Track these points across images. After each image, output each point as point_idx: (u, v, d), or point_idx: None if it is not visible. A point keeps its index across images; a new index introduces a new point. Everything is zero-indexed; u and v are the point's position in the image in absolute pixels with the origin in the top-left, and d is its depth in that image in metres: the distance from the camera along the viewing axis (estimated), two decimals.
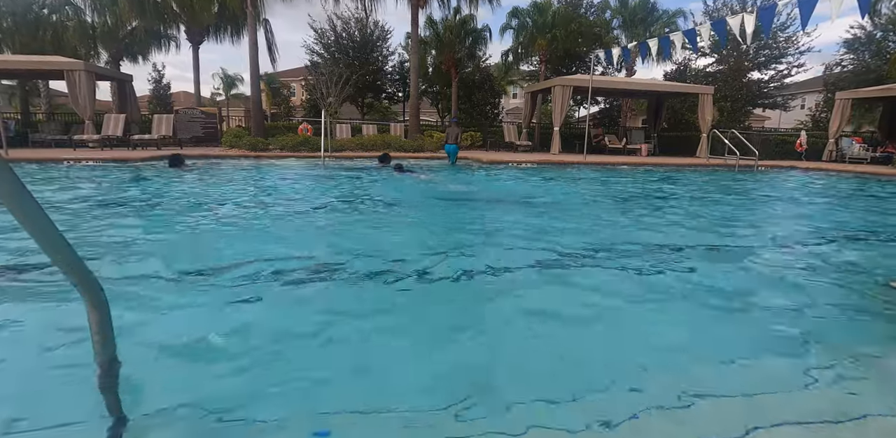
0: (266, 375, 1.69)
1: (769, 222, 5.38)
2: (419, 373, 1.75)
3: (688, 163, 13.43)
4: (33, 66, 13.91)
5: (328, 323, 2.15)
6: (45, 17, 20.66)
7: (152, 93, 25.54)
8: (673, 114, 20.91)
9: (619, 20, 22.27)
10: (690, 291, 2.73)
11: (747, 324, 2.31)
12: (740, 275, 3.10)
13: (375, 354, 1.89)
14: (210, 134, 15.58)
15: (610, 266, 3.13)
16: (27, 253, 2.99)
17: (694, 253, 3.60)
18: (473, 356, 1.90)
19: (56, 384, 1.63)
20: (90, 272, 1.41)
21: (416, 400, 1.55)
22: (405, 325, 2.18)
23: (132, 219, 4.50)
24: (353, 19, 21.54)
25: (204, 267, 2.88)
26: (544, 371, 1.78)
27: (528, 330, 2.15)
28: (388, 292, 2.56)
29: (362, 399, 1.55)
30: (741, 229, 4.79)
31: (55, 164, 9.07)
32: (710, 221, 5.18)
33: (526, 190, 7.82)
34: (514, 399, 1.56)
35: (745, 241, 4.18)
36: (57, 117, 17.98)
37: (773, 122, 31.76)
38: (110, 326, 1.52)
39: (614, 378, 1.70)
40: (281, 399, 1.55)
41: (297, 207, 5.41)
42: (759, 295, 2.67)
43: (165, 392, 1.58)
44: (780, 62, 21.59)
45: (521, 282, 2.81)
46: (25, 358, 1.80)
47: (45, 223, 1.21)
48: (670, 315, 2.42)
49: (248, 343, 1.95)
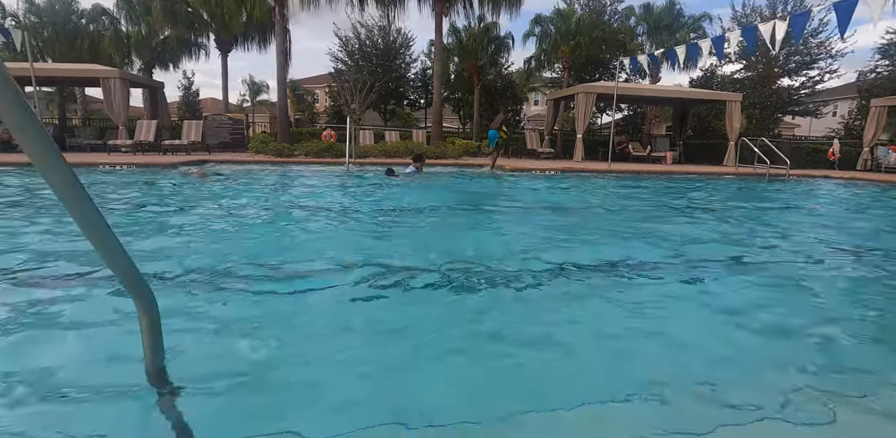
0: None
1: (813, 234, 5.19)
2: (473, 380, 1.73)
3: (716, 171, 13.14)
4: (72, 74, 14.46)
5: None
6: (82, 26, 21.53)
7: (182, 99, 26.29)
8: (699, 122, 20.57)
9: (644, 27, 22.09)
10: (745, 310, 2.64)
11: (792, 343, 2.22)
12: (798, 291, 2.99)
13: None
14: (237, 139, 15.92)
15: (668, 278, 3.06)
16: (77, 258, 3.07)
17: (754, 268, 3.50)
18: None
19: (110, 384, 1.66)
20: (143, 279, 1.43)
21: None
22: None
23: (189, 220, 4.58)
24: (376, 27, 21.87)
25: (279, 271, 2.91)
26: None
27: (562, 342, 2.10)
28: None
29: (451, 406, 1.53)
30: (788, 241, 4.63)
31: (92, 168, 9.37)
32: (752, 232, 5.04)
33: (561, 197, 7.75)
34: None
35: (792, 257, 4.02)
36: (92, 123, 18.60)
37: (803, 130, 30.95)
38: (160, 332, 1.55)
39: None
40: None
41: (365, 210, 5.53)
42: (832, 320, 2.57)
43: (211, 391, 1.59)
44: (811, 68, 21.07)
45: (568, 294, 2.77)
46: (76, 364, 1.83)
47: (105, 231, 1.23)
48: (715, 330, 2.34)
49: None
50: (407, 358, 1.92)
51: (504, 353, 1.97)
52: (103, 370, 1.74)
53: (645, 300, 2.65)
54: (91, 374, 1.71)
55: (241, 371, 1.74)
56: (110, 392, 1.59)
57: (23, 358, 1.81)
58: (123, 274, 1.35)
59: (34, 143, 1.01)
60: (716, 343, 2.18)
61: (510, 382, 1.76)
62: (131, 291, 1.41)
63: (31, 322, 2.12)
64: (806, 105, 22.29)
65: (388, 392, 1.66)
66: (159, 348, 1.56)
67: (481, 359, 1.95)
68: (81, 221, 1.16)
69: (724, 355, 2.06)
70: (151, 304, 1.47)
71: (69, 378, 1.68)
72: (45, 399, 1.53)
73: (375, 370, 1.80)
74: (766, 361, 2.01)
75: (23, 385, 1.60)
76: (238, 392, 1.61)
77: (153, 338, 1.53)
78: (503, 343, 2.07)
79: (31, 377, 1.66)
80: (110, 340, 1.97)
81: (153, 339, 1.53)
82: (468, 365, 1.90)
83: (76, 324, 2.13)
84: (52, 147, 1.04)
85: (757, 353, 2.10)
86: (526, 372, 1.85)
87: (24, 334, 2.00)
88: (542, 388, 1.72)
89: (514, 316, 2.40)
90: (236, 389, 1.63)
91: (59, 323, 2.14)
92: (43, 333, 2.05)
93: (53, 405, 1.51)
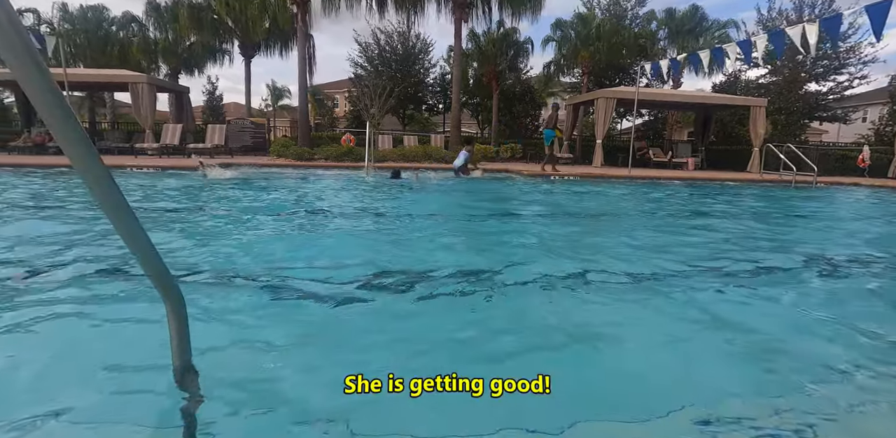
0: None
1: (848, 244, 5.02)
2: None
3: (739, 178, 12.86)
4: (102, 79, 14.92)
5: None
6: (113, 33, 22.24)
7: (206, 103, 26.89)
8: (721, 128, 20.21)
9: (666, 31, 21.85)
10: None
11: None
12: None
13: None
14: (259, 143, 16.22)
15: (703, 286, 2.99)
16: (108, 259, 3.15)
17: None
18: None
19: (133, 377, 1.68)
20: (173, 279, 1.45)
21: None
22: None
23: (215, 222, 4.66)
24: (395, 33, 22.10)
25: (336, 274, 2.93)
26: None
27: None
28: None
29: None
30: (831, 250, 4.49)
31: (121, 170, 9.61)
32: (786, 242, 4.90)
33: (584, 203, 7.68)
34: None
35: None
36: (120, 126, 19.14)
37: (831, 136, 30.17)
38: (187, 333, 1.56)
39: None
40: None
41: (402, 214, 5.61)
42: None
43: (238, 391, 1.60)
44: (840, 73, 20.55)
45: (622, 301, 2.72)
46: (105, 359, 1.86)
47: (138, 231, 1.25)
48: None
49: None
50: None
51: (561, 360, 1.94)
52: (131, 367, 1.77)
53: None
54: (118, 370, 1.74)
55: (267, 377, 1.74)
56: (135, 390, 1.62)
57: (53, 352, 1.85)
58: (154, 273, 1.37)
59: (75, 147, 1.03)
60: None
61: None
62: (161, 291, 1.43)
63: (60, 317, 2.18)
64: (834, 110, 21.72)
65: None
66: (187, 348, 1.57)
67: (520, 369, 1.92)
68: (116, 222, 1.18)
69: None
70: (180, 304, 1.49)
71: (98, 371, 1.71)
72: (70, 395, 1.56)
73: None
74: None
75: (47, 378, 1.63)
76: (263, 399, 1.62)
77: (181, 338, 1.54)
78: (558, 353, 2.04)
79: (61, 371, 1.70)
80: (138, 337, 2.01)
81: (181, 339, 1.55)
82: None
83: (106, 321, 2.18)
84: (92, 150, 1.06)
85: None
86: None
87: (55, 328, 2.06)
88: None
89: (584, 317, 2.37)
90: (262, 395, 1.63)
91: (90, 317, 2.19)
92: (74, 327, 2.10)
93: (79, 399, 1.53)
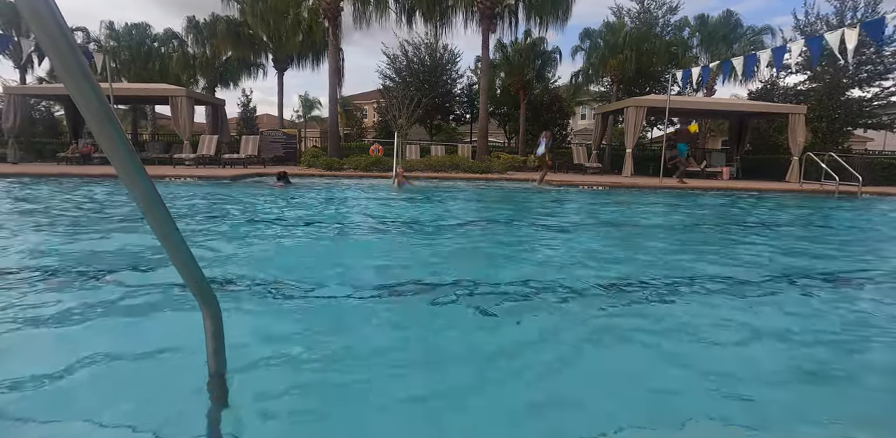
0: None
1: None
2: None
3: (778, 188, 12.39)
4: (144, 93, 15.66)
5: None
6: (155, 49, 23.36)
7: (240, 115, 27.77)
8: (757, 136, 19.57)
9: (698, 38, 21.43)
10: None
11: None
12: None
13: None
14: (290, 154, 16.64)
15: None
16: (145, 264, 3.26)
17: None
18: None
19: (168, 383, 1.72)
20: (209, 287, 1.48)
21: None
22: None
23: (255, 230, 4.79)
24: (423, 45, 22.42)
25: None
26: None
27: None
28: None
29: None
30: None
31: (159, 179, 10.01)
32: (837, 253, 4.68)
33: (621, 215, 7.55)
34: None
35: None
36: (160, 138, 19.96)
37: (877, 144, 28.78)
38: (222, 337, 1.59)
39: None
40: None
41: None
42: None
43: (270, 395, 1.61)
44: (885, 78, 19.65)
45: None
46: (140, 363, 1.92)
47: (178, 240, 1.28)
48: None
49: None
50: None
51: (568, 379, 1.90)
52: (165, 368, 1.81)
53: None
54: (152, 372, 1.79)
55: (302, 383, 1.76)
56: (170, 391, 1.66)
57: (86, 355, 1.91)
58: (192, 281, 1.40)
59: (122, 158, 1.08)
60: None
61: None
62: (198, 297, 1.47)
63: (99, 319, 2.26)
64: (879, 117, 20.74)
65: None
66: (222, 353, 1.60)
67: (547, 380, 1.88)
68: (158, 230, 1.22)
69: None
70: (216, 310, 1.52)
71: (133, 372, 1.76)
72: (104, 394, 1.60)
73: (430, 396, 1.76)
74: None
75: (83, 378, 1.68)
76: (300, 406, 1.63)
77: (217, 344, 1.58)
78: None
79: (97, 370, 1.75)
80: (174, 339, 2.06)
81: (216, 345, 1.58)
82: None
83: (143, 324, 2.25)
84: (136, 161, 1.11)
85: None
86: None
87: (92, 330, 2.14)
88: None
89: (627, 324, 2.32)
90: (297, 402, 1.65)
91: (127, 320, 2.26)
92: (111, 330, 2.18)
93: (113, 400, 1.57)
